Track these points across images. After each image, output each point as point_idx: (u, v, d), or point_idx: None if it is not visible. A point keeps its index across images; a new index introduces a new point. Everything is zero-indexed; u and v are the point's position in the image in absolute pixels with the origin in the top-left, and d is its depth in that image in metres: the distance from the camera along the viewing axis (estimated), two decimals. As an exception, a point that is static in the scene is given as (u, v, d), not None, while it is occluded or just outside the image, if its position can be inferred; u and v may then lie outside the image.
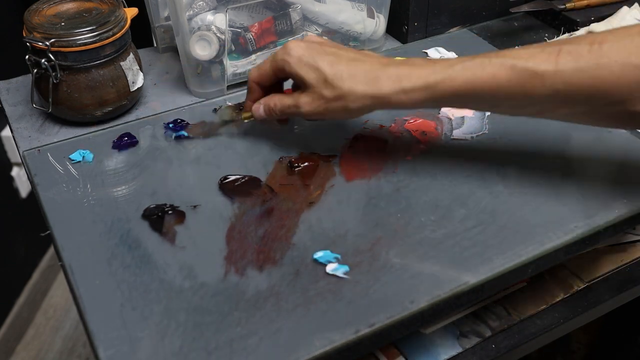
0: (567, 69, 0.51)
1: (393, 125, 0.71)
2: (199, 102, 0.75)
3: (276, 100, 0.62)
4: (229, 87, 0.77)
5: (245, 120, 0.67)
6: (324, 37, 0.63)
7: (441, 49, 0.83)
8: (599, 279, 0.78)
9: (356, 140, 0.68)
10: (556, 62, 0.52)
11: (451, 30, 0.89)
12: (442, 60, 0.57)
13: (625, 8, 0.86)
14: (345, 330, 0.49)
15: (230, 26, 0.74)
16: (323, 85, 0.57)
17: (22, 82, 0.80)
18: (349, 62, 0.57)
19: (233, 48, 0.75)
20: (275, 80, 0.63)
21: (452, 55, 0.82)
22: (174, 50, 0.85)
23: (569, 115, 0.56)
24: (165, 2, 0.81)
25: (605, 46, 0.51)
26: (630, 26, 0.52)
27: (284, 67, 0.60)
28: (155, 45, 0.86)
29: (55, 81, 0.67)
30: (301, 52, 0.58)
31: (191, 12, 0.73)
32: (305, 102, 0.59)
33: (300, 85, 0.60)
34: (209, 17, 0.73)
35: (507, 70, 0.53)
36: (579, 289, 0.76)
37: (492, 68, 0.53)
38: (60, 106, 0.70)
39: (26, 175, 0.67)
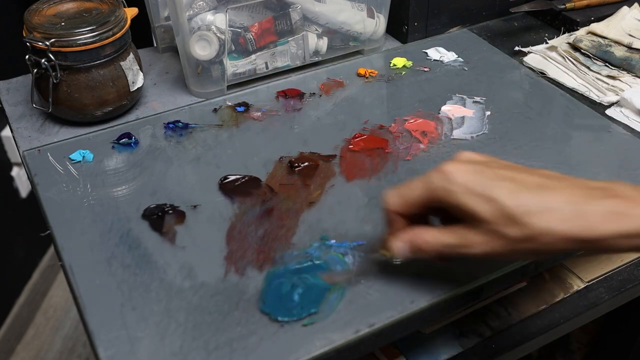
0: None
1: (393, 125, 0.71)
2: (199, 102, 0.75)
3: (428, 238, 0.48)
4: (229, 87, 0.77)
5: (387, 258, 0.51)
6: (483, 155, 0.48)
7: (441, 49, 0.83)
8: (599, 279, 0.78)
9: (356, 140, 0.68)
10: None
11: (451, 30, 0.89)
12: None
13: (625, 8, 0.86)
14: (345, 330, 0.49)
15: (230, 26, 0.74)
16: (503, 221, 0.44)
17: (22, 82, 0.80)
18: (537, 191, 0.44)
19: (233, 48, 0.75)
20: (425, 210, 0.49)
21: (452, 55, 0.82)
22: (174, 50, 0.85)
23: None
24: (165, 2, 0.81)
25: None
26: None
27: (444, 197, 0.46)
28: (155, 45, 0.86)
29: (55, 81, 0.67)
30: (468, 178, 0.45)
31: (191, 12, 0.73)
32: (478, 241, 0.45)
33: (465, 218, 0.46)
34: (209, 17, 0.73)
35: None
36: (579, 289, 0.76)
37: None
38: (60, 106, 0.70)
39: (26, 175, 0.67)
